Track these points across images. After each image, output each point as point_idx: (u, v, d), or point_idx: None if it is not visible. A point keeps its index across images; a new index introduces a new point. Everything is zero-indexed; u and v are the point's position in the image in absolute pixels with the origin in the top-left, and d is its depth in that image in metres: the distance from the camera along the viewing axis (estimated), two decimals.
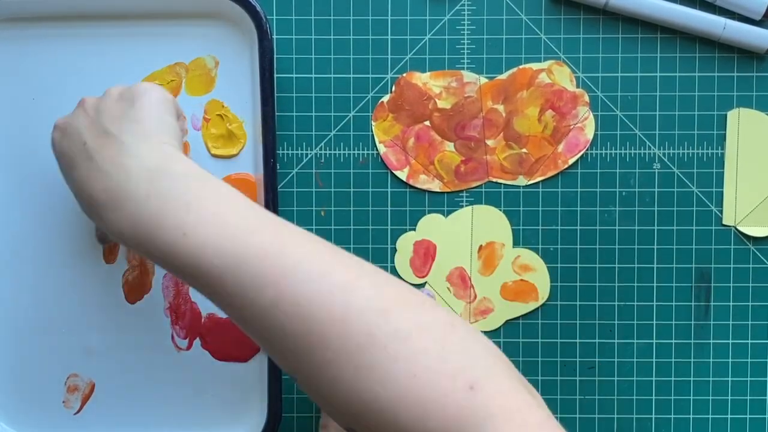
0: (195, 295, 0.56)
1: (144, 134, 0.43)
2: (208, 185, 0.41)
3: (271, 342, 0.38)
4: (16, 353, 0.56)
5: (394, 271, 0.57)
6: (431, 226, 0.57)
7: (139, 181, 0.41)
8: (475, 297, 0.56)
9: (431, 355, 0.36)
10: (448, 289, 0.56)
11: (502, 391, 0.36)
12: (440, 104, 0.56)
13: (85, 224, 0.55)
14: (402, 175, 0.56)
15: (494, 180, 0.56)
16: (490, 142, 0.56)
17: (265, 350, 0.39)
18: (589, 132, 0.56)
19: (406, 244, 0.57)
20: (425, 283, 0.57)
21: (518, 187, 0.56)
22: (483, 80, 0.56)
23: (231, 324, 0.55)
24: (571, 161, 0.56)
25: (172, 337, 0.56)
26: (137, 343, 0.56)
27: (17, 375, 0.56)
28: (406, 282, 0.56)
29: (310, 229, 0.56)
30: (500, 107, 0.56)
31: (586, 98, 0.56)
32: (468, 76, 0.56)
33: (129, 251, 0.55)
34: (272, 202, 0.53)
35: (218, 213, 0.39)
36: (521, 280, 0.56)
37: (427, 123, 0.56)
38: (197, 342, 0.56)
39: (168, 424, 0.56)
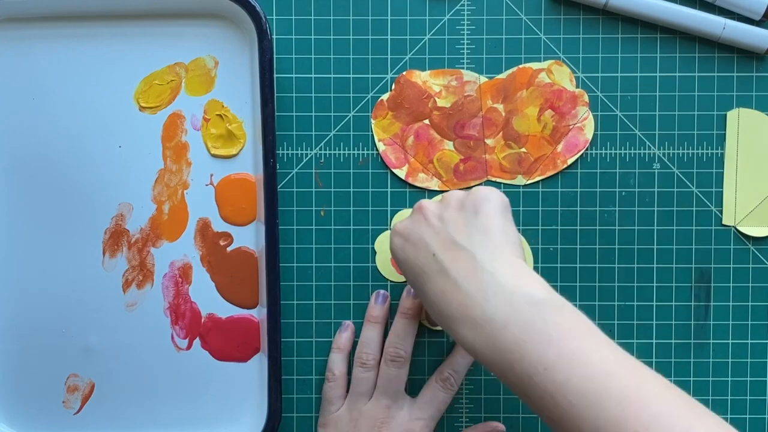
0: (195, 295, 0.56)
1: (493, 247, 0.44)
2: (566, 315, 0.41)
3: None
4: (16, 353, 0.56)
5: (375, 272, 0.57)
6: None
7: (498, 303, 0.41)
8: None
9: None
10: None
11: None
12: (440, 103, 0.56)
13: (85, 224, 0.55)
14: (401, 173, 0.56)
15: (493, 179, 0.56)
16: (489, 141, 0.56)
17: None
18: (589, 132, 0.56)
19: (383, 244, 0.56)
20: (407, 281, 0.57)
21: (518, 186, 0.56)
22: (483, 79, 0.56)
23: (231, 324, 0.55)
24: (570, 161, 0.56)
25: (172, 337, 0.56)
26: (137, 344, 0.56)
27: (17, 375, 0.56)
28: (391, 281, 0.56)
29: (310, 229, 0.56)
30: (500, 106, 0.56)
31: (586, 98, 0.56)
32: (468, 74, 0.56)
33: (129, 251, 0.55)
34: (272, 202, 0.53)
35: (579, 349, 0.40)
36: None
37: (427, 121, 0.56)
38: (197, 342, 0.56)
39: (168, 424, 0.56)
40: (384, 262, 0.56)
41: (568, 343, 0.40)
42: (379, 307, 0.56)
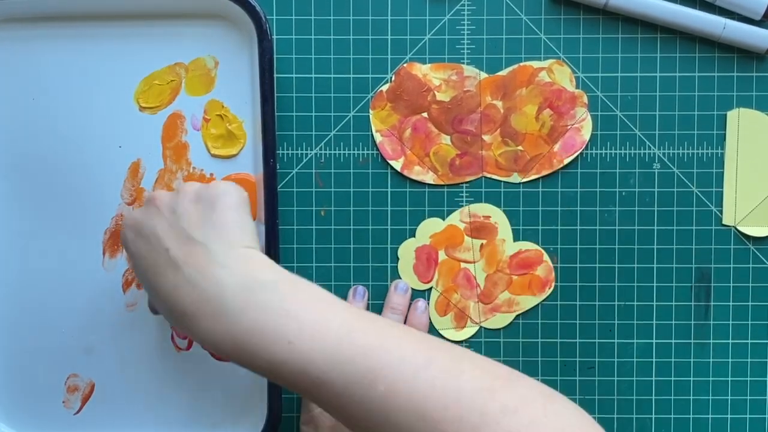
0: None
1: (229, 241, 0.43)
2: (300, 288, 0.41)
3: None
4: (16, 353, 0.56)
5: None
6: (430, 230, 0.56)
7: (234, 293, 0.41)
8: (484, 295, 0.56)
9: (539, 425, 0.37)
10: (456, 291, 0.56)
11: None
12: (439, 96, 0.56)
13: (85, 225, 0.55)
14: (397, 165, 0.56)
15: (488, 176, 0.56)
16: (486, 138, 0.56)
17: None
18: (586, 133, 0.56)
19: (407, 251, 0.57)
20: (431, 288, 0.57)
21: (518, 186, 0.56)
22: (483, 75, 0.56)
23: None
24: (566, 161, 0.56)
25: (172, 337, 0.56)
26: (137, 344, 0.56)
27: (17, 375, 0.56)
28: (413, 289, 0.57)
29: (310, 230, 0.56)
30: (498, 103, 0.56)
31: (585, 99, 0.56)
32: (468, 70, 0.56)
33: None
34: (272, 202, 0.53)
35: (320, 317, 0.40)
36: (527, 273, 0.56)
37: (425, 114, 0.56)
38: None
39: (168, 424, 0.56)
40: (406, 269, 0.57)
41: (307, 314, 0.40)
42: (357, 302, 0.56)
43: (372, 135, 0.56)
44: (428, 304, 0.57)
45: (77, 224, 0.55)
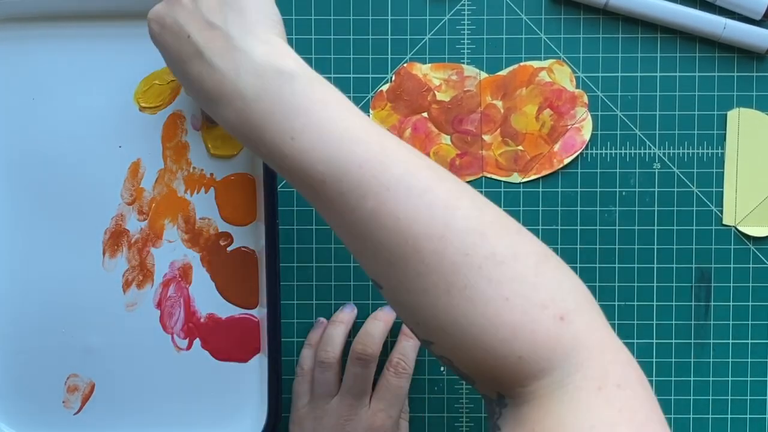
0: (195, 295, 0.56)
1: (248, 25, 0.42)
2: (317, 87, 0.41)
3: (365, 250, 0.39)
4: (16, 353, 0.56)
5: None
6: None
7: (249, 78, 0.40)
8: None
9: (524, 283, 0.37)
10: None
11: (591, 326, 0.37)
12: (439, 96, 0.56)
13: (85, 224, 0.55)
14: None
15: (489, 175, 0.56)
16: (486, 138, 0.56)
17: (357, 256, 0.40)
18: (586, 133, 0.56)
19: None
20: None
21: (518, 185, 0.56)
22: (483, 75, 0.56)
23: (231, 324, 0.55)
24: (566, 161, 0.56)
25: (172, 337, 0.56)
26: (137, 344, 0.56)
27: (17, 375, 0.56)
28: None
29: (310, 229, 0.56)
30: (499, 103, 0.56)
31: (585, 99, 0.56)
32: (468, 70, 0.56)
33: (129, 251, 0.55)
34: (272, 202, 0.53)
35: (325, 119, 0.39)
36: None
37: (425, 114, 0.56)
38: (197, 342, 0.56)
39: (168, 424, 0.56)
40: None
41: (315, 113, 0.39)
42: (347, 313, 0.56)
43: None
44: None
45: (77, 224, 0.55)
